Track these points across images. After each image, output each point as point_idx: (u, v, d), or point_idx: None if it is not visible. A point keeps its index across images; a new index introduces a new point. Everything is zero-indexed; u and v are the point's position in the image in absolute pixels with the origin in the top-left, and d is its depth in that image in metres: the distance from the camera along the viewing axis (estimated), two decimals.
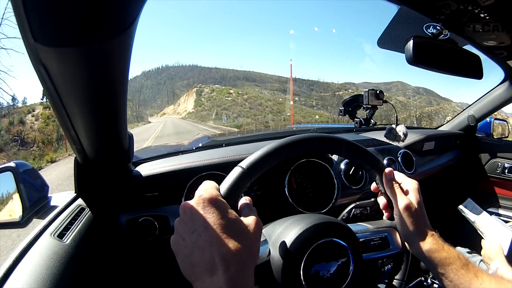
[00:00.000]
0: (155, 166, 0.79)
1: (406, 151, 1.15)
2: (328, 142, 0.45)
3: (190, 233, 0.32)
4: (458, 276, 0.43)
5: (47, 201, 0.69)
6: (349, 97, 1.27)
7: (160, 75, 60.66)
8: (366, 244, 0.48)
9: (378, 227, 0.51)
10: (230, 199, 0.35)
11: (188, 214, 0.33)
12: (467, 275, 0.43)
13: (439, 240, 0.47)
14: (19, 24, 0.27)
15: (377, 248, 0.49)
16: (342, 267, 0.41)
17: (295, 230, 0.41)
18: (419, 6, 0.68)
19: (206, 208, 0.32)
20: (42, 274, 0.45)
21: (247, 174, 0.37)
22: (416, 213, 0.48)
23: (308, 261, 0.39)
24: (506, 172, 1.43)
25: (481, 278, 0.43)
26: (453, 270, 0.44)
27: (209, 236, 0.31)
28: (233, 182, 0.36)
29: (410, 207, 0.47)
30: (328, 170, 0.91)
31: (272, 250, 0.40)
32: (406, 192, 0.50)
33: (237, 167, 0.38)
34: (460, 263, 0.44)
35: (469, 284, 0.42)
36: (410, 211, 0.47)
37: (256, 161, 0.38)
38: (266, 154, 0.39)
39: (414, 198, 0.49)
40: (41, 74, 0.34)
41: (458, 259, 0.44)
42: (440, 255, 0.45)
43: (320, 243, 0.40)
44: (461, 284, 0.43)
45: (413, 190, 0.50)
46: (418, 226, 0.47)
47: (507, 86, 1.33)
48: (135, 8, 0.29)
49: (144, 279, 0.81)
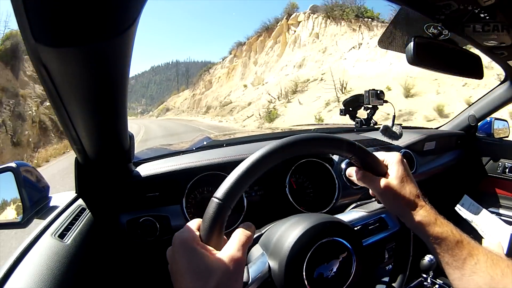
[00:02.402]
0: (155, 166, 0.79)
1: (406, 151, 1.15)
2: (293, 146, 0.41)
3: (170, 271, 0.35)
4: (451, 254, 0.41)
5: (48, 201, 0.69)
6: (349, 97, 1.27)
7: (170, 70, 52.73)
8: (364, 230, 0.47)
9: (372, 211, 0.49)
10: (211, 239, 0.35)
11: (169, 255, 0.36)
12: (460, 253, 0.40)
13: (431, 213, 0.44)
14: (20, 24, 0.27)
15: (376, 231, 0.47)
16: (344, 262, 0.41)
17: (289, 240, 0.39)
18: (419, 6, 0.68)
19: (177, 253, 0.35)
20: (43, 274, 0.45)
21: (224, 206, 0.35)
22: (399, 187, 0.45)
23: (310, 267, 0.39)
24: (506, 172, 1.43)
25: (477, 257, 0.40)
26: (446, 247, 0.41)
27: (176, 280, 0.34)
28: (211, 220, 0.35)
29: (389, 184, 0.45)
30: (329, 170, 0.91)
31: (271, 264, 0.39)
32: (386, 168, 0.47)
33: (212, 200, 0.36)
34: (454, 239, 0.41)
35: (463, 263, 0.40)
36: (390, 188, 0.44)
37: (230, 189, 0.36)
38: (239, 179, 0.36)
39: (395, 172, 0.46)
40: (42, 74, 0.34)
41: (451, 234, 0.42)
42: (431, 230, 0.42)
43: (316, 246, 0.40)
44: (454, 262, 0.41)
45: (393, 164, 0.47)
46: (404, 200, 0.44)
47: (507, 86, 1.33)
48: (135, 8, 0.29)
49: (144, 279, 0.81)
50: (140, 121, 32.84)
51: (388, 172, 0.47)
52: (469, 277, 0.39)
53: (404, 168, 0.47)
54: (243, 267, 0.35)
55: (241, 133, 1.70)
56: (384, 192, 0.45)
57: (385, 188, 0.45)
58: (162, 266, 0.82)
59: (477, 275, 0.39)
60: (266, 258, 0.40)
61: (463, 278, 0.40)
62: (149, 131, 16.23)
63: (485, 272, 0.39)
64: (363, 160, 0.46)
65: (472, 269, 0.39)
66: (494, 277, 0.38)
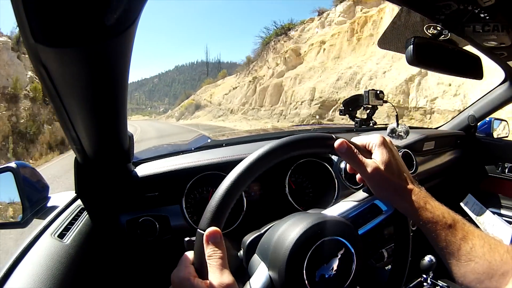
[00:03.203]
0: (155, 166, 0.79)
1: (406, 151, 1.15)
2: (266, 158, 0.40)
3: None
4: (444, 239, 0.38)
5: (47, 201, 0.69)
6: (349, 97, 1.27)
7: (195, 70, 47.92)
8: (358, 219, 0.45)
9: (361, 199, 0.48)
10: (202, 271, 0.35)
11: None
12: (454, 238, 0.38)
13: (420, 196, 0.41)
14: (19, 24, 0.27)
15: (370, 217, 0.46)
16: (343, 258, 0.41)
17: (284, 248, 0.39)
18: (419, 6, 0.68)
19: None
20: (43, 274, 0.45)
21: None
22: (386, 173, 0.42)
23: (310, 271, 0.38)
24: (506, 172, 1.43)
25: (471, 241, 0.38)
26: (438, 232, 0.39)
27: None
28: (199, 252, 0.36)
29: (377, 170, 0.42)
30: (328, 170, 0.91)
31: (272, 274, 0.39)
32: (370, 153, 0.44)
33: (198, 232, 0.36)
34: (446, 223, 0.39)
35: (458, 249, 0.38)
36: (378, 175, 0.42)
37: (212, 217, 0.36)
38: (219, 204, 0.37)
39: (380, 156, 0.43)
40: (42, 74, 0.34)
41: (443, 219, 0.39)
42: (422, 214, 0.40)
43: (312, 250, 0.39)
44: (448, 247, 0.38)
45: (377, 148, 0.44)
46: (391, 185, 0.42)
47: (507, 86, 1.33)
48: (135, 8, 0.29)
49: (144, 279, 0.81)
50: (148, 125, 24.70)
51: (373, 157, 0.44)
52: (465, 263, 0.37)
53: (388, 150, 0.44)
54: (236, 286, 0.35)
55: (240, 133, 1.70)
56: (371, 176, 0.42)
57: (372, 173, 0.42)
58: (162, 266, 0.82)
59: (474, 261, 0.37)
60: (266, 269, 0.39)
61: (459, 264, 0.38)
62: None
63: (482, 258, 0.37)
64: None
65: (468, 255, 0.37)
66: (492, 263, 0.36)
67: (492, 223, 0.98)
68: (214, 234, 0.35)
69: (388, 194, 0.43)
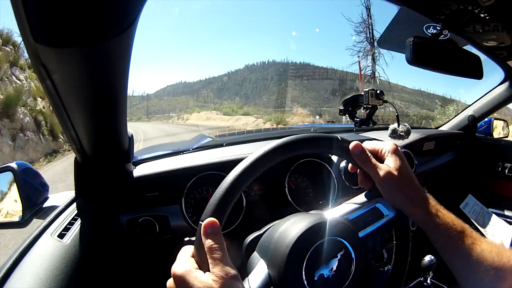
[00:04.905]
0: (155, 166, 0.79)
1: (406, 151, 1.15)
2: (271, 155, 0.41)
3: None
4: (455, 243, 0.40)
5: (47, 201, 0.69)
6: (349, 97, 1.27)
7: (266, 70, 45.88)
8: (359, 222, 0.46)
9: (363, 202, 0.48)
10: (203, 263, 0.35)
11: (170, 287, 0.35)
12: (464, 242, 0.40)
13: (432, 204, 0.43)
14: (19, 24, 0.27)
15: (372, 221, 0.46)
16: (343, 259, 0.41)
17: (283, 247, 0.39)
18: (419, 6, 0.68)
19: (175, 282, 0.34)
20: (43, 274, 0.45)
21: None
22: (399, 180, 0.43)
23: (309, 271, 0.39)
24: (506, 172, 1.43)
25: (480, 246, 0.40)
26: (449, 237, 0.41)
27: None
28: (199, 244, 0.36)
29: (390, 176, 0.43)
30: (328, 170, 0.91)
31: (271, 272, 0.39)
32: (382, 159, 0.45)
33: (200, 225, 0.36)
34: (457, 229, 0.41)
35: (468, 252, 0.39)
36: (390, 180, 0.43)
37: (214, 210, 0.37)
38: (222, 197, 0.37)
39: (393, 163, 0.44)
40: (41, 74, 0.34)
41: (454, 225, 0.41)
42: (434, 221, 0.41)
43: (312, 249, 0.39)
44: (458, 250, 0.40)
45: (390, 155, 0.45)
46: (404, 193, 0.43)
47: (507, 86, 1.33)
48: (135, 8, 0.29)
49: (143, 279, 0.81)
50: None
51: (386, 163, 0.45)
52: (474, 265, 0.39)
53: (401, 158, 0.45)
54: (239, 277, 0.35)
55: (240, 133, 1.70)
56: (384, 181, 0.43)
57: (385, 177, 0.43)
58: (161, 266, 0.82)
59: (482, 263, 0.39)
60: (265, 267, 0.40)
61: (468, 266, 0.40)
62: None
63: (491, 260, 0.39)
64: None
65: (477, 258, 0.39)
66: (501, 266, 0.38)
67: (492, 223, 0.98)
68: (212, 224, 0.35)
69: (400, 200, 0.44)
